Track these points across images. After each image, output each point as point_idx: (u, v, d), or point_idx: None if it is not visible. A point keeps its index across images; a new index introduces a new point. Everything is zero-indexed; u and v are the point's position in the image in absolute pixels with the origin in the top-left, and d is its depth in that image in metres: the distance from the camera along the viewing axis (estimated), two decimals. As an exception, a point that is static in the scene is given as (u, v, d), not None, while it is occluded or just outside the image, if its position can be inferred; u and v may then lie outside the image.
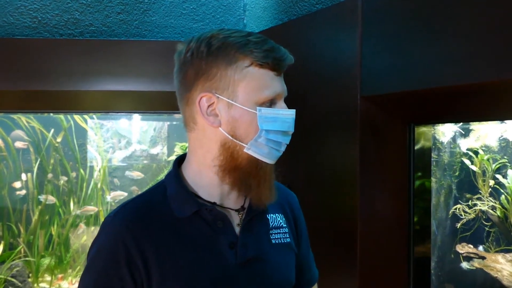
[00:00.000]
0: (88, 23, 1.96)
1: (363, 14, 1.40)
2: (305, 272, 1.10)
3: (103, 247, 0.90)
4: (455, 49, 1.13)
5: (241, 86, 0.89)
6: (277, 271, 0.98)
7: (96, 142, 3.21)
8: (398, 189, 1.49)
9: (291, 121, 0.92)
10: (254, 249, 0.95)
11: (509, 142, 1.90)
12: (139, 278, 0.87)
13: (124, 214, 0.92)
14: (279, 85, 0.92)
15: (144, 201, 0.96)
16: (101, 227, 0.93)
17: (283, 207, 1.05)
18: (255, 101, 0.89)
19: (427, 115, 1.45)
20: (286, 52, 0.92)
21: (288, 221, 1.05)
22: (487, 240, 1.99)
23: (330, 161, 1.55)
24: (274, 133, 0.90)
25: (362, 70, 1.40)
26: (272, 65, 0.89)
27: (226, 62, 0.88)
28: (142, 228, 0.89)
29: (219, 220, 0.93)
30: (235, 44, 0.89)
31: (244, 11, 2.14)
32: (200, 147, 0.93)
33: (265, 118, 0.89)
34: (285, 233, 1.02)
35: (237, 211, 0.95)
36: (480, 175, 1.99)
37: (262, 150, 0.90)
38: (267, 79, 0.90)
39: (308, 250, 1.12)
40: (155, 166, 3.48)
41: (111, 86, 1.95)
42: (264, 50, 0.89)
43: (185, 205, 0.92)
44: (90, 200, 3.11)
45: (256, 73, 0.89)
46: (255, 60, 0.88)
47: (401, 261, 1.50)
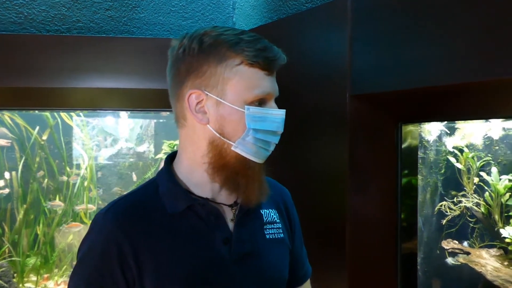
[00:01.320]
0: (75, 19, 1.94)
1: (352, 14, 1.41)
2: (298, 268, 1.11)
3: (94, 244, 0.89)
4: (443, 50, 1.15)
5: (230, 84, 0.89)
6: (272, 267, 0.98)
7: (82, 139, 3.17)
8: (387, 186, 1.51)
9: (280, 121, 0.92)
10: (249, 244, 0.95)
11: (493, 140, 1.94)
12: (131, 276, 0.87)
13: (115, 211, 0.92)
14: (270, 85, 0.92)
15: (136, 198, 0.95)
16: (91, 224, 0.93)
17: (276, 202, 1.06)
18: (244, 99, 0.89)
19: (415, 114, 1.47)
20: (278, 52, 0.92)
21: (282, 217, 1.05)
22: (471, 236, 2.03)
23: (319, 159, 1.57)
24: (262, 133, 0.90)
25: (351, 69, 1.42)
26: (263, 65, 0.89)
27: (217, 59, 0.89)
28: (134, 224, 0.89)
29: (212, 215, 0.93)
30: (227, 42, 0.89)
31: (234, 9, 2.14)
32: (190, 144, 0.94)
33: (254, 117, 0.89)
34: (279, 229, 1.02)
35: (230, 206, 0.96)
36: (465, 173, 2.03)
37: (250, 149, 0.90)
38: (257, 78, 0.90)
39: (301, 246, 1.13)
40: (142, 164, 3.46)
41: (99, 83, 1.94)
42: (255, 49, 0.89)
43: (177, 201, 0.92)
44: (77, 198, 3.08)
45: (246, 72, 0.89)
46: (245, 59, 0.88)
47: (389, 257, 1.52)
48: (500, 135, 1.92)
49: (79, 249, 0.92)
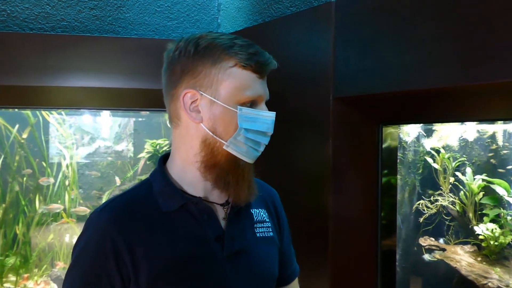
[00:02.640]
0: (59, 17, 1.93)
1: (336, 19, 1.45)
2: (287, 267, 1.14)
3: (90, 242, 0.91)
4: (423, 55, 1.20)
5: (224, 85, 0.92)
6: (262, 264, 1.01)
7: (58, 138, 3.13)
8: (368, 186, 1.56)
9: (270, 123, 0.96)
10: (240, 242, 0.98)
11: (468, 142, 2.02)
12: (126, 273, 0.88)
13: (110, 209, 0.94)
14: (261, 87, 0.96)
15: (130, 197, 0.98)
16: (87, 223, 0.94)
17: (265, 203, 1.09)
18: (236, 100, 0.92)
19: (395, 116, 1.52)
20: (270, 58, 0.96)
21: (271, 216, 1.09)
22: (447, 233, 2.10)
23: (303, 160, 1.60)
24: (253, 133, 0.94)
25: (335, 73, 1.45)
26: (255, 68, 0.93)
27: (212, 61, 0.92)
28: (129, 222, 0.91)
29: (205, 214, 0.96)
30: (222, 45, 0.93)
31: (219, 11, 2.16)
32: (184, 143, 0.97)
33: (245, 118, 0.93)
34: (268, 227, 1.05)
35: (222, 205, 0.99)
36: (442, 173, 2.10)
37: (241, 148, 0.94)
38: (249, 80, 0.93)
39: (290, 245, 1.16)
40: (120, 163, 3.43)
41: (84, 82, 1.93)
42: (248, 53, 0.93)
43: (171, 200, 0.95)
44: (57, 198, 3.04)
45: (239, 74, 0.92)
46: (239, 62, 0.92)
47: (369, 254, 1.57)
48: (474, 137, 2.00)
49: (75, 246, 0.93)
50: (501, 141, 1.92)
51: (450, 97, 1.33)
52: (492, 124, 1.91)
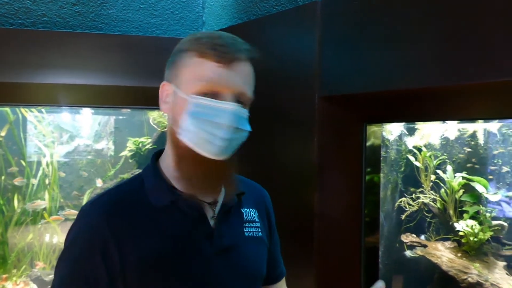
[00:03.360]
0: (40, 13, 1.89)
1: (321, 18, 1.46)
2: (275, 267, 1.16)
3: (79, 235, 0.91)
4: (407, 55, 1.22)
5: (184, 74, 0.92)
6: (250, 262, 1.02)
7: (36, 136, 3.07)
8: (352, 184, 1.58)
9: (227, 114, 0.90)
10: (229, 239, 0.98)
11: (449, 140, 2.07)
12: (113, 266, 0.88)
13: (100, 203, 0.94)
14: (222, 78, 0.90)
15: (121, 191, 0.98)
16: (77, 216, 0.95)
17: (257, 203, 1.10)
18: (194, 90, 0.91)
19: (380, 115, 1.54)
20: (237, 46, 0.92)
21: (261, 217, 1.09)
22: (428, 230, 2.15)
23: (289, 158, 1.61)
24: (204, 123, 0.90)
25: (320, 72, 1.46)
26: (215, 56, 0.90)
27: (180, 54, 0.94)
28: (119, 217, 0.91)
29: (195, 211, 0.96)
30: (191, 37, 0.95)
31: (203, 8, 2.15)
32: (168, 138, 0.99)
33: (196, 105, 0.90)
34: (257, 227, 1.06)
35: (210, 204, 0.98)
36: (423, 171, 2.14)
37: (193, 139, 0.91)
38: (207, 69, 0.90)
39: (278, 246, 1.18)
40: (100, 162, 3.39)
41: (65, 79, 1.89)
42: (210, 42, 0.91)
43: (161, 195, 0.95)
44: (37, 197, 2.98)
45: (198, 63, 0.91)
46: (198, 50, 0.91)
47: (353, 251, 1.59)
48: (455, 136, 2.05)
49: (67, 235, 0.94)
50: (481, 140, 1.97)
51: (432, 97, 1.35)
52: (472, 123, 1.95)
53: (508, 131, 1.90)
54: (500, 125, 1.92)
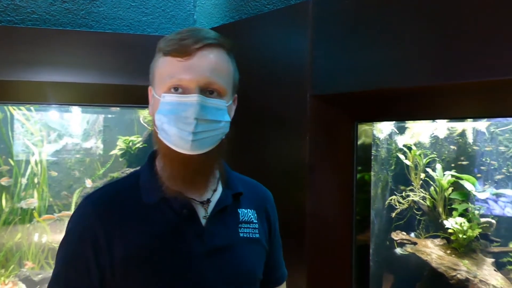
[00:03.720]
0: (30, 10, 1.87)
1: (313, 18, 1.47)
2: (275, 270, 1.14)
3: (73, 227, 0.95)
4: (397, 55, 1.23)
5: (156, 76, 0.96)
6: (243, 263, 1.00)
7: (23, 134, 3.03)
8: (343, 182, 1.59)
9: (191, 107, 0.89)
10: (221, 239, 0.98)
11: (439, 139, 2.09)
12: (103, 260, 0.90)
13: (94, 198, 0.97)
14: (184, 70, 0.90)
15: (116, 187, 1.00)
16: (76, 208, 0.98)
17: (257, 204, 1.09)
18: (163, 89, 0.92)
19: (371, 113, 1.55)
20: (196, 36, 0.91)
21: (260, 218, 1.08)
22: (418, 227, 2.17)
23: (280, 156, 1.61)
24: (173, 119, 0.90)
25: (312, 70, 1.47)
26: (175, 52, 0.91)
27: (154, 56, 0.98)
28: (110, 211, 0.93)
29: (186, 209, 0.96)
30: (161, 40, 0.97)
31: (195, 7, 2.14)
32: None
33: (164, 104, 0.92)
34: (255, 229, 1.04)
35: (202, 203, 0.98)
36: (413, 169, 2.17)
37: (167, 136, 0.91)
38: (170, 66, 0.92)
39: (279, 249, 1.16)
40: (89, 160, 3.36)
41: (55, 77, 1.88)
42: (173, 40, 0.93)
43: (153, 192, 0.95)
44: (26, 196, 2.95)
45: (163, 62, 0.94)
46: (163, 51, 0.94)
47: (344, 249, 1.60)
48: (444, 135, 2.07)
49: (67, 225, 0.98)
50: (470, 139, 1.99)
51: (423, 96, 1.37)
52: (461, 122, 1.98)
53: (496, 129, 1.93)
54: (488, 124, 1.95)
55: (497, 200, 1.92)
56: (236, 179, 1.08)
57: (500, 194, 1.91)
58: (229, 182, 1.05)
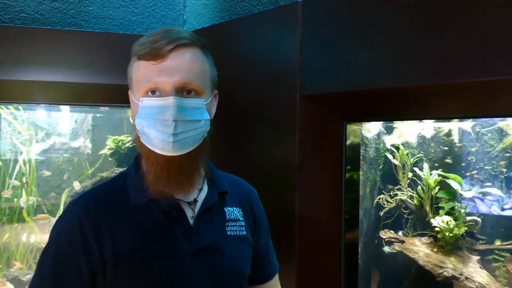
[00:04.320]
0: (19, 9, 1.86)
1: (302, 19, 1.48)
2: (265, 265, 1.15)
3: (62, 229, 0.94)
4: (386, 55, 1.25)
5: (132, 80, 0.96)
6: (230, 262, 1.02)
7: (10, 133, 3.00)
8: (332, 182, 1.60)
9: (167, 109, 0.89)
10: (208, 238, 0.99)
11: (426, 139, 2.12)
12: (94, 262, 0.91)
13: (84, 200, 0.97)
14: (159, 73, 0.90)
15: (104, 189, 1.00)
16: (62, 213, 0.98)
17: (241, 201, 1.10)
18: (140, 93, 0.93)
19: (359, 113, 1.57)
20: (168, 37, 0.91)
21: (246, 215, 1.09)
22: (406, 226, 2.20)
23: (270, 156, 1.62)
24: (150, 121, 0.91)
25: (301, 71, 1.48)
26: (148, 55, 0.91)
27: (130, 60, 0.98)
28: (101, 214, 0.94)
29: (173, 209, 0.97)
30: (136, 44, 0.96)
31: (185, 7, 2.14)
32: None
33: (144, 108, 0.92)
34: (241, 226, 1.06)
35: (189, 203, 0.99)
36: (401, 168, 2.19)
37: (148, 140, 0.92)
38: (145, 70, 0.92)
39: (268, 243, 1.17)
40: (77, 160, 3.34)
41: (44, 76, 1.87)
42: (143, 42, 0.93)
43: (141, 193, 0.96)
44: (14, 196, 2.92)
45: (138, 66, 0.94)
46: (137, 54, 0.94)
47: (334, 247, 1.61)
48: (431, 134, 2.10)
49: (52, 230, 0.97)
50: (456, 138, 2.02)
51: (411, 96, 1.38)
52: (447, 122, 2.01)
53: (482, 129, 1.96)
54: (474, 124, 1.98)
55: (482, 198, 1.95)
56: (221, 177, 1.09)
57: (486, 193, 1.95)
58: (215, 181, 1.06)
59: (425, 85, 1.19)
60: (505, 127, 1.86)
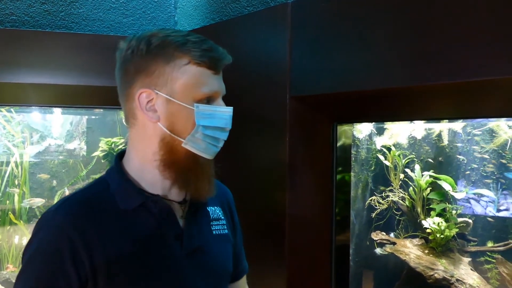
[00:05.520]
0: (8, 11, 1.85)
1: (292, 20, 1.48)
2: (239, 263, 1.16)
3: (44, 242, 0.88)
4: (375, 57, 1.25)
5: (179, 83, 0.92)
6: (219, 260, 1.03)
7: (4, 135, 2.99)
8: (323, 183, 1.60)
9: (228, 118, 0.97)
10: (198, 239, 0.99)
11: (417, 140, 2.12)
12: (83, 271, 0.87)
13: (66, 208, 0.92)
14: (217, 83, 0.96)
15: (87, 195, 0.96)
16: (39, 224, 0.92)
17: (221, 201, 1.11)
18: (192, 97, 0.92)
19: (349, 114, 1.57)
20: (224, 52, 0.97)
21: (225, 214, 1.11)
22: (397, 227, 2.20)
23: (260, 157, 1.62)
24: (211, 129, 0.94)
25: (291, 72, 1.48)
26: (209, 64, 0.94)
27: (165, 59, 0.92)
28: (86, 220, 0.90)
29: (164, 212, 0.96)
30: (174, 43, 0.92)
31: (175, 8, 2.14)
32: (141, 142, 0.96)
33: (203, 114, 0.93)
34: (223, 225, 1.07)
35: (180, 203, 0.99)
36: (392, 169, 2.19)
37: (200, 145, 0.94)
38: (204, 77, 0.93)
39: (241, 243, 1.19)
40: (72, 162, 3.33)
41: (34, 78, 1.86)
42: (202, 50, 0.93)
43: (130, 198, 0.94)
44: (6, 197, 2.91)
45: (194, 71, 0.92)
46: (192, 59, 0.92)
47: (324, 249, 1.61)
48: (422, 135, 2.10)
49: (26, 249, 0.90)
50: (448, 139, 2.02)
51: (400, 97, 1.38)
52: (438, 123, 2.01)
53: (473, 130, 1.96)
54: (464, 125, 1.98)
55: (474, 199, 1.95)
56: None
57: (477, 194, 1.95)
58: None
59: (415, 86, 1.19)
60: (495, 128, 1.86)
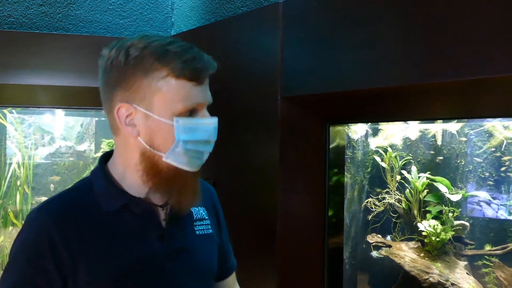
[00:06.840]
0: (6, 13, 1.88)
1: (283, 19, 1.47)
2: (226, 261, 1.16)
3: (27, 240, 0.90)
4: (368, 56, 1.23)
5: (157, 97, 0.88)
6: (202, 260, 1.03)
7: (16, 138, 3.03)
8: (315, 184, 1.58)
9: (212, 130, 0.92)
10: (181, 240, 0.99)
11: (413, 141, 2.09)
12: (65, 270, 0.88)
13: (49, 208, 0.93)
14: (199, 95, 0.91)
15: (71, 196, 0.96)
16: (25, 222, 0.93)
17: (205, 200, 1.09)
18: (171, 112, 0.89)
19: (342, 115, 1.55)
20: (208, 61, 0.92)
21: (210, 214, 1.10)
22: (394, 230, 2.17)
23: (252, 158, 1.61)
24: (192, 143, 0.91)
25: (283, 72, 1.47)
26: (191, 76, 0.89)
27: (143, 72, 0.88)
28: (68, 221, 0.90)
29: (146, 214, 0.96)
30: (153, 54, 0.88)
31: (172, 10, 2.15)
32: (124, 152, 0.95)
33: (184, 129, 0.89)
34: (208, 225, 1.06)
35: (161, 206, 0.98)
36: (389, 171, 2.16)
37: (182, 159, 0.91)
38: (184, 90, 0.89)
39: (228, 241, 1.18)
40: (82, 164, 3.36)
41: (32, 79, 1.88)
42: (182, 61, 0.88)
43: (113, 200, 0.94)
44: (9, 198, 2.94)
45: (173, 84, 0.88)
46: (171, 71, 0.88)
47: (316, 251, 1.59)
48: (419, 136, 2.07)
49: (13, 246, 0.92)
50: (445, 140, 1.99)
51: (394, 97, 1.36)
52: (436, 124, 1.98)
53: (471, 131, 1.93)
54: (462, 125, 1.95)
55: (470, 202, 1.92)
56: None
57: (474, 196, 1.91)
58: None
59: (408, 86, 1.18)
60: (491, 129, 1.83)
